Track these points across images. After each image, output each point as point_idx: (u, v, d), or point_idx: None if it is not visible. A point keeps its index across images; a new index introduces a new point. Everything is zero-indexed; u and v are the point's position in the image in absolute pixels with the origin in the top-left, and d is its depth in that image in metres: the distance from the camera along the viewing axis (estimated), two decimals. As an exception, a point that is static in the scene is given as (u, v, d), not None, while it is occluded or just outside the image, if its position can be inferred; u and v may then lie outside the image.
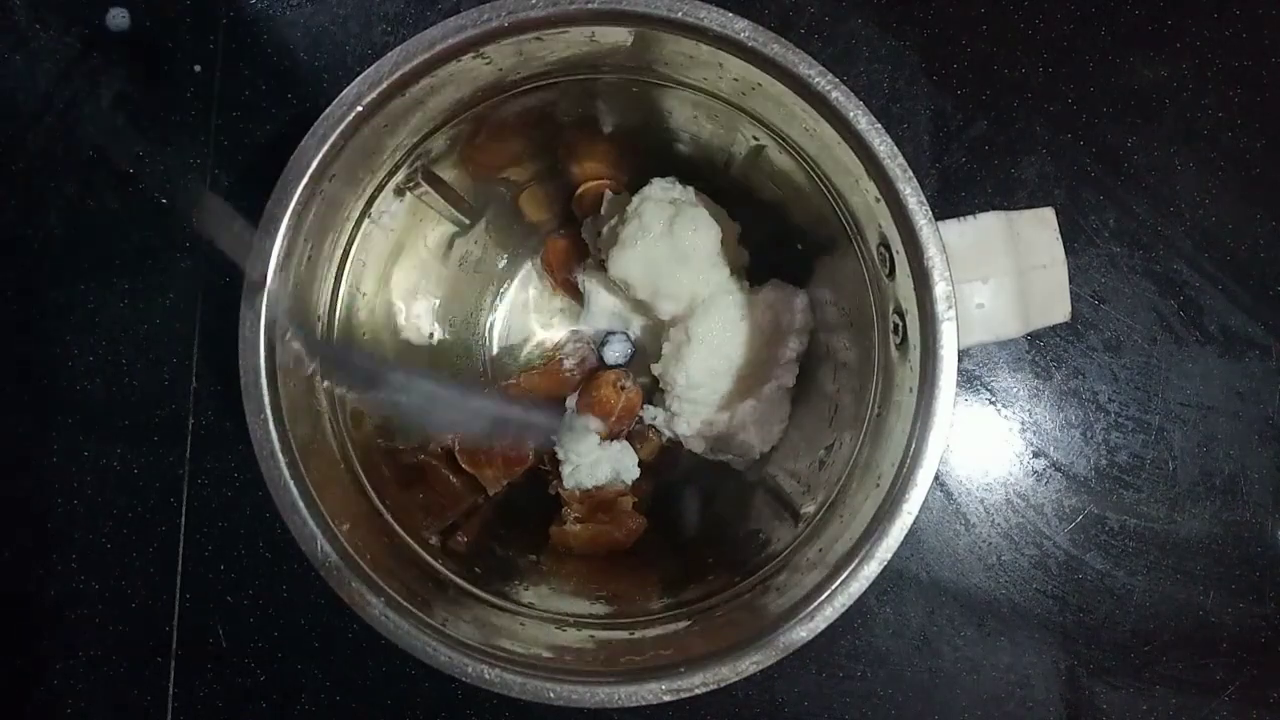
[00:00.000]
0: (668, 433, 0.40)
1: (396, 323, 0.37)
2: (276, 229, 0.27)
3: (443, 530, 0.34)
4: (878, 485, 0.28)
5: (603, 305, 0.42)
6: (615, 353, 0.42)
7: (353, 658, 0.41)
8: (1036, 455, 0.43)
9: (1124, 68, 0.43)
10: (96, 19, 0.43)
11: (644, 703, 0.26)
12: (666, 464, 0.41)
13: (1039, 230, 0.31)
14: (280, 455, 0.27)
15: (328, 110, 0.27)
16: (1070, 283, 0.32)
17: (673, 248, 0.36)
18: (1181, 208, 0.43)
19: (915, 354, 0.27)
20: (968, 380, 0.43)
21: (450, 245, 0.39)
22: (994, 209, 0.30)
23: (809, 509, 0.32)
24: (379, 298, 0.35)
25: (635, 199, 0.38)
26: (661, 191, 0.38)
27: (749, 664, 0.26)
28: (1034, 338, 0.43)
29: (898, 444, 0.27)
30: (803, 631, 0.26)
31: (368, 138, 0.29)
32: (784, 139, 0.31)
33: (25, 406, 0.42)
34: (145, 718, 0.41)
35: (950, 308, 0.26)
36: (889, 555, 0.26)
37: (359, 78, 0.27)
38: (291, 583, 0.41)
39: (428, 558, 0.32)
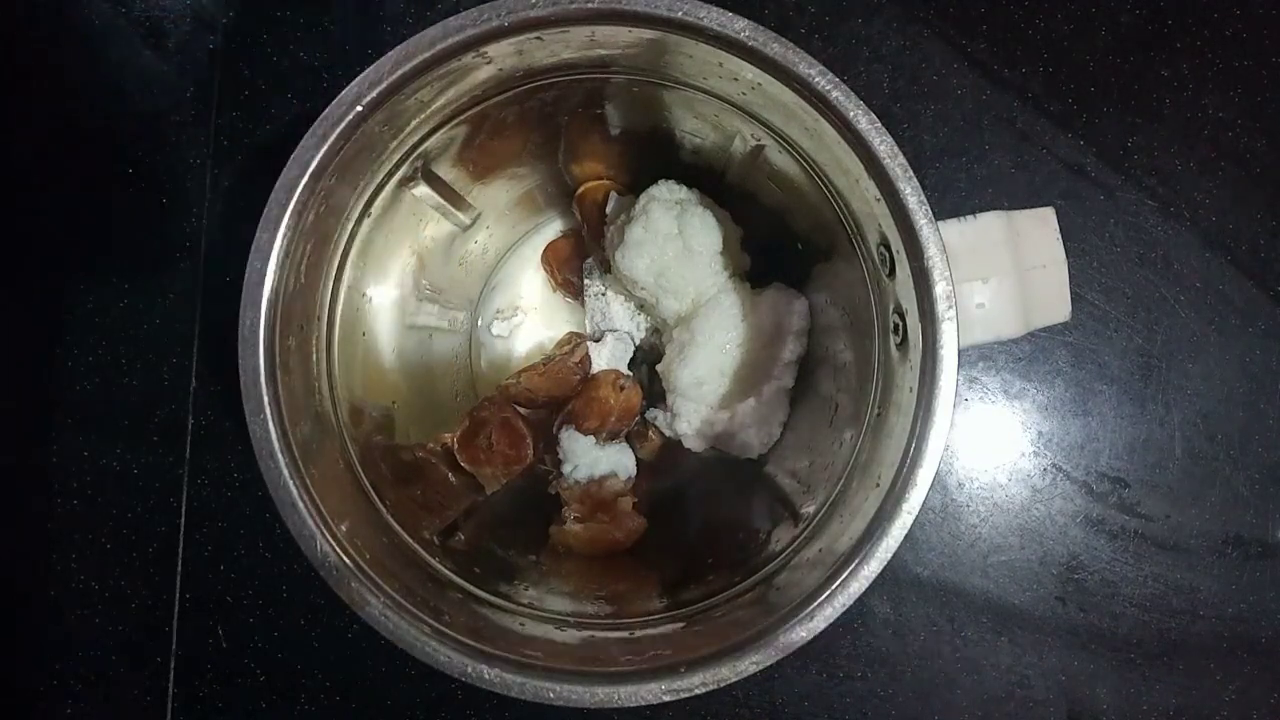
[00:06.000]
0: (668, 432, 0.40)
1: (397, 322, 0.37)
2: (276, 229, 0.27)
3: (442, 530, 0.34)
4: (878, 485, 0.28)
5: (603, 305, 0.42)
6: (615, 353, 0.42)
7: (353, 658, 0.41)
8: (1037, 455, 0.43)
9: (1123, 68, 0.43)
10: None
11: (644, 703, 0.26)
12: (666, 464, 0.41)
13: (1039, 230, 0.31)
14: (280, 455, 0.27)
15: (327, 110, 0.27)
16: (1070, 283, 0.32)
17: (679, 247, 0.37)
18: (1181, 208, 0.43)
19: (915, 354, 0.27)
20: (968, 380, 0.43)
21: (450, 245, 0.39)
22: (994, 209, 0.30)
23: (809, 509, 0.32)
24: (379, 297, 0.35)
25: (642, 199, 0.38)
26: (668, 192, 0.38)
27: (749, 664, 0.26)
28: (1034, 338, 0.43)
29: (898, 444, 0.27)
30: (803, 631, 0.26)
31: (367, 137, 0.29)
32: (784, 139, 0.31)
33: (25, 406, 0.42)
34: (145, 718, 0.41)
35: (950, 307, 0.26)
36: (889, 555, 0.26)
37: (359, 78, 0.27)
38: (291, 583, 0.41)
39: (427, 557, 0.32)
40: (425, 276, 0.39)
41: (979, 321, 0.30)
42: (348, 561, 0.27)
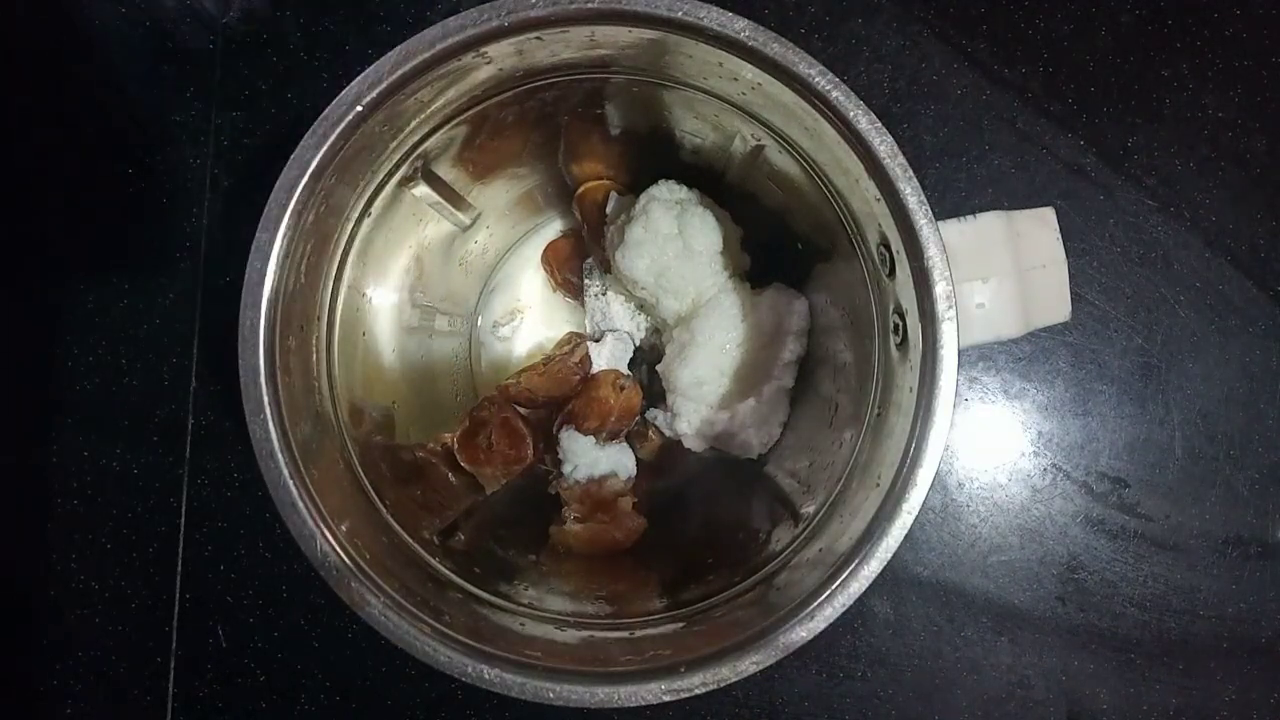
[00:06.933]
0: (668, 432, 0.40)
1: (397, 323, 0.37)
2: (276, 229, 0.27)
3: (442, 530, 0.34)
4: (878, 485, 0.28)
5: (603, 305, 0.42)
6: (615, 352, 0.42)
7: (353, 658, 0.41)
8: (1037, 455, 0.43)
9: (1123, 68, 0.43)
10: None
11: (644, 703, 0.26)
12: (666, 464, 0.41)
13: (1039, 230, 0.31)
14: (280, 455, 0.27)
15: (328, 110, 0.27)
16: (1070, 283, 0.32)
17: (679, 247, 0.37)
18: (1181, 208, 0.43)
19: (915, 354, 0.27)
20: (968, 380, 0.43)
21: (450, 245, 0.39)
22: (994, 209, 0.30)
23: (809, 509, 0.32)
24: (379, 298, 0.35)
25: (642, 199, 0.38)
26: (668, 192, 0.38)
27: (749, 664, 0.26)
28: (1034, 338, 0.43)
29: (898, 444, 0.27)
30: (803, 631, 0.26)
31: (367, 137, 0.29)
32: (784, 139, 0.31)
33: (25, 406, 0.42)
34: (145, 718, 0.41)
35: (950, 307, 0.26)
36: (889, 555, 0.26)
37: (359, 78, 0.27)
38: (291, 583, 0.41)
39: (427, 557, 0.32)
40: (425, 277, 0.39)
41: (979, 321, 0.30)
42: (348, 561, 0.27)
